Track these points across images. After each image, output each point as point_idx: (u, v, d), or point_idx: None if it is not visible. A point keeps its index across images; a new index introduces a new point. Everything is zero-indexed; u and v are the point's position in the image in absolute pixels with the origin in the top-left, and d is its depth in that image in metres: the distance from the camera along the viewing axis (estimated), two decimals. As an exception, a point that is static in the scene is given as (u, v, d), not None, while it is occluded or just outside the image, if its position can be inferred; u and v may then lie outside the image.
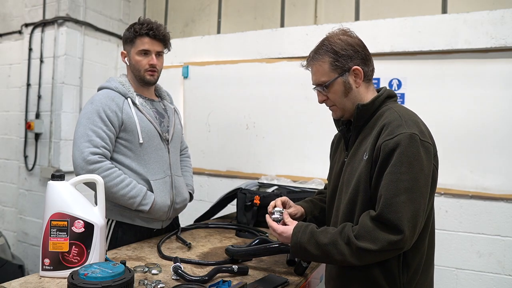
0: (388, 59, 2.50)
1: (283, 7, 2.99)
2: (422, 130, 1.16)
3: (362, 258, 1.10)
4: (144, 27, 1.70)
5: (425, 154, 1.12)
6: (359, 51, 1.25)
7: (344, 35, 1.27)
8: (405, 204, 1.06)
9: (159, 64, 1.76)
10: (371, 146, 1.17)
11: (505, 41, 2.20)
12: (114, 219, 1.69)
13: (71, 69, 3.10)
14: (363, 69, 1.25)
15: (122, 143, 1.68)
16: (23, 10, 3.31)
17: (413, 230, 1.07)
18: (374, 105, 1.25)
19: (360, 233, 1.10)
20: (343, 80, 1.25)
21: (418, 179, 1.09)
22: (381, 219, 1.08)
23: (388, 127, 1.15)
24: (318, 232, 1.17)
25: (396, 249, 1.08)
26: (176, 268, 1.25)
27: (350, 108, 1.27)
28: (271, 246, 1.38)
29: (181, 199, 1.81)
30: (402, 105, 1.29)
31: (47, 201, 1.24)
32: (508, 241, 2.21)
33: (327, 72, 1.25)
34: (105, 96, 1.67)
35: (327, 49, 1.25)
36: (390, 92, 1.31)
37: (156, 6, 3.55)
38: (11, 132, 3.44)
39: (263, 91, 2.88)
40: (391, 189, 1.08)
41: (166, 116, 1.84)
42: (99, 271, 1.03)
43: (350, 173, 1.24)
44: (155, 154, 1.72)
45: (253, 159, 2.91)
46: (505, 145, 2.22)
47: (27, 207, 3.24)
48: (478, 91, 2.28)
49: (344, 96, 1.26)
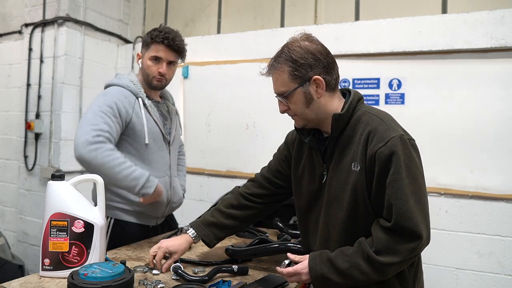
0: (388, 59, 2.50)
1: (283, 7, 2.99)
2: (403, 128, 1.17)
3: (387, 272, 1.09)
4: (161, 35, 1.72)
5: (415, 152, 1.14)
6: (321, 59, 1.17)
7: (305, 40, 1.20)
8: (415, 208, 1.07)
9: (169, 73, 1.77)
10: (361, 155, 1.13)
11: (505, 41, 2.20)
12: (112, 217, 1.71)
13: (71, 69, 3.10)
14: (325, 78, 1.17)
15: (127, 140, 1.69)
16: (23, 10, 3.31)
17: (427, 229, 1.10)
18: (349, 112, 1.19)
19: (379, 248, 1.07)
20: (303, 90, 1.18)
21: (417, 178, 1.11)
22: (398, 228, 1.06)
23: (375, 133, 1.12)
24: (334, 258, 1.12)
25: (417, 254, 1.12)
26: (176, 268, 1.25)
27: (313, 118, 1.22)
28: (271, 246, 1.39)
29: (177, 198, 1.88)
30: (372, 106, 1.27)
31: (47, 201, 1.24)
32: (508, 241, 2.21)
33: (286, 82, 1.18)
34: (118, 92, 1.68)
35: (286, 58, 1.18)
36: (358, 94, 1.25)
37: (156, 6, 3.55)
38: (11, 132, 3.44)
39: (263, 91, 2.86)
40: (400, 197, 1.06)
41: (169, 118, 1.88)
42: (99, 271, 1.03)
43: (337, 186, 1.19)
44: (157, 155, 1.76)
45: (253, 159, 2.90)
46: (505, 145, 2.22)
47: (27, 207, 3.24)
48: (478, 91, 2.28)
49: (305, 107, 1.20)
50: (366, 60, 2.50)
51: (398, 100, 2.46)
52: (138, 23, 3.61)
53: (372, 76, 2.53)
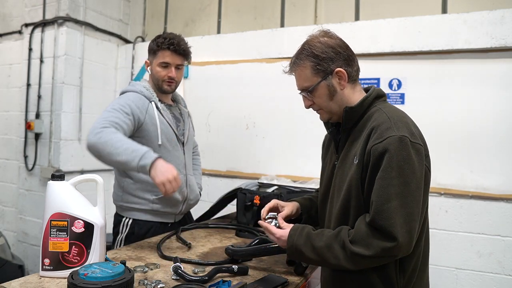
0: (388, 59, 2.50)
1: (283, 7, 2.99)
2: (412, 131, 1.13)
3: (356, 263, 1.09)
4: (166, 42, 1.81)
5: (416, 156, 1.09)
6: (341, 52, 1.21)
7: (324, 36, 1.24)
8: (397, 210, 1.05)
9: (178, 77, 1.88)
10: (361, 150, 1.15)
11: (505, 41, 2.20)
12: (131, 217, 1.80)
13: (71, 69, 3.10)
14: (346, 70, 1.21)
15: (142, 142, 1.70)
16: (23, 10, 3.31)
17: (408, 236, 1.05)
18: (363, 107, 1.22)
19: (355, 238, 1.09)
20: (326, 83, 1.22)
21: (409, 183, 1.07)
22: (374, 225, 1.07)
23: (377, 130, 1.13)
24: (314, 234, 1.16)
25: (390, 255, 1.07)
26: (176, 268, 1.25)
27: (337, 110, 1.25)
28: (271, 246, 1.38)
29: (194, 195, 1.95)
30: (391, 105, 1.26)
31: (47, 201, 1.24)
32: (508, 241, 2.21)
33: (309, 77, 1.23)
34: (134, 96, 1.79)
35: (307, 54, 1.22)
36: (379, 91, 1.27)
37: (156, 6, 3.55)
38: (11, 132, 3.44)
39: (263, 91, 2.88)
40: (381, 195, 1.07)
41: (182, 120, 1.96)
42: (99, 271, 1.03)
43: (341, 177, 1.22)
44: (172, 155, 1.83)
45: (253, 159, 2.91)
46: (505, 145, 2.22)
47: (27, 207, 3.24)
48: (478, 91, 2.28)
49: (329, 100, 1.24)
50: (366, 60, 2.49)
51: (398, 100, 2.47)
52: (138, 23, 3.61)
53: (372, 76, 2.53)
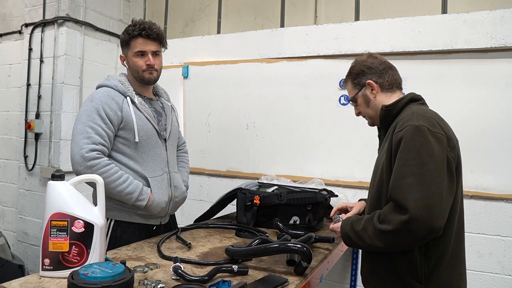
0: (388, 59, 2.47)
1: (283, 7, 2.99)
2: (434, 123, 1.25)
3: (384, 240, 1.21)
4: (136, 28, 1.71)
5: (436, 143, 1.20)
6: (373, 67, 1.46)
7: (366, 57, 1.51)
8: (412, 186, 1.16)
9: (157, 63, 1.77)
10: (389, 140, 1.32)
11: (505, 41, 2.20)
12: (112, 218, 1.70)
13: (71, 69, 3.10)
14: (376, 81, 1.45)
15: (120, 141, 1.70)
16: (23, 10, 3.31)
17: (426, 211, 1.12)
18: (397, 107, 1.39)
19: (381, 217, 1.23)
20: (362, 94, 1.48)
21: (427, 164, 1.17)
22: (392, 200, 1.21)
23: (400, 122, 1.30)
24: (355, 221, 1.34)
25: (408, 230, 1.15)
26: (176, 268, 1.25)
27: (374, 115, 1.48)
28: (271, 246, 1.38)
29: (179, 193, 1.86)
30: (423, 107, 1.39)
31: (47, 201, 1.24)
32: (508, 241, 2.21)
33: (351, 90, 1.53)
34: (105, 95, 1.68)
35: (349, 72, 1.53)
36: (414, 95, 1.44)
37: (156, 6, 3.55)
38: (11, 132, 3.44)
39: (263, 91, 2.88)
40: (397, 173, 1.21)
41: (164, 115, 1.86)
42: (99, 271, 1.03)
43: (376, 166, 1.42)
44: (153, 152, 1.75)
45: (253, 159, 2.91)
46: (505, 145, 2.22)
47: (27, 207, 3.24)
48: (478, 91, 2.28)
49: (367, 107, 1.49)
50: (366, 60, 2.49)
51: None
52: (138, 23, 3.61)
53: (372, 76, 2.53)
